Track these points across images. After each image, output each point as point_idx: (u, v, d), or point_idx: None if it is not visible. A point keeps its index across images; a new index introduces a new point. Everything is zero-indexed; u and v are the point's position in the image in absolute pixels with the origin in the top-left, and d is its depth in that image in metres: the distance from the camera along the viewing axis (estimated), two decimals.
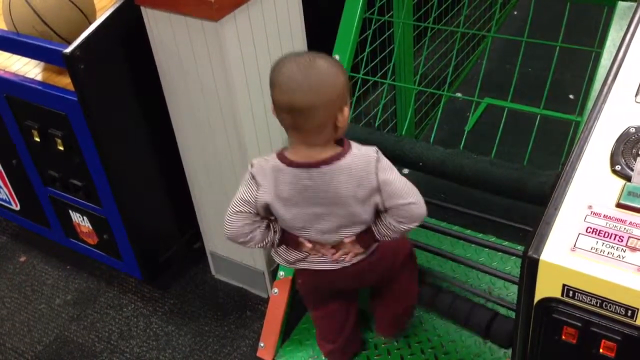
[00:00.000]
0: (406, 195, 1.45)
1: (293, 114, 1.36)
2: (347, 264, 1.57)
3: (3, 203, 2.53)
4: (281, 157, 1.45)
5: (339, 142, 1.46)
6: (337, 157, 1.43)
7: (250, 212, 1.49)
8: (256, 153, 1.96)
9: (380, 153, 1.46)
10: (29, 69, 2.07)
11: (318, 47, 2.09)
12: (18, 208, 2.49)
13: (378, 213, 1.52)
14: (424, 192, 1.92)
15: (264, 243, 1.55)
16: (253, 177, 1.47)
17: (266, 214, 1.52)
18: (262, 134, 1.97)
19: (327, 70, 1.36)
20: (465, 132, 1.90)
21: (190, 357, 2.12)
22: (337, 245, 1.55)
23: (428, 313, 1.95)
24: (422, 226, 1.93)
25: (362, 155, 1.44)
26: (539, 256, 1.09)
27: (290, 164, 1.44)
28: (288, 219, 1.50)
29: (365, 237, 1.54)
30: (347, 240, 1.53)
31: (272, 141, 2.01)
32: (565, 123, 1.88)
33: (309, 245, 1.54)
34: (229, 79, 1.80)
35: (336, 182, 1.43)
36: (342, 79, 1.39)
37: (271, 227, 1.54)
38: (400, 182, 1.46)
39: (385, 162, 1.46)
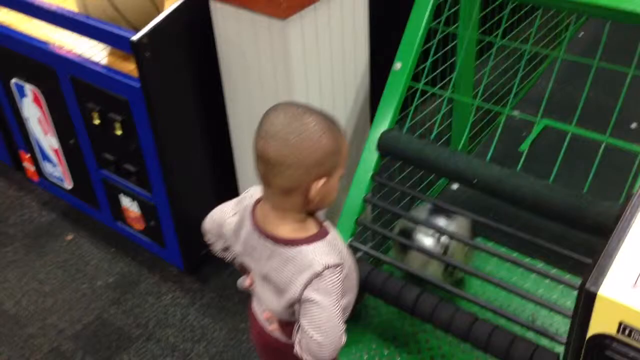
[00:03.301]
0: (317, 329, 1.22)
1: (263, 165, 1.22)
2: (267, 327, 1.43)
3: (56, 181, 2.59)
4: (256, 202, 1.33)
5: (314, 223, 1.29)
6: (284, 242, 1.25)
7: (220, 225, 1.41)
8: None
9: (335, 271, 1.23)
10: (96, 52, 2.11)
11: (381, 52, 2.09)
12: (70, 187, 2.55)
13: None
14: (474, 210, 1.89)
15: (225, 256, 1.46)
16: (236, 202, 1.40)
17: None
18: None
19: (313, 129, 1.19)
20: (524, 153, 1.85)
21: (223, 353, 2.13)
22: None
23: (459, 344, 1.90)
24: (467, 244, 1.90)
25: (306, 260, 1.23)
26: (597, 290, 1.05)
27: (252, 214, 1.32)
28: (237, 253, 1.40)
29: (287, 328, 1.36)
30: (265, 315, 1.39)
31: None
32: (625, 153, 1.82)
33: (248, 282, 1.41)
34: (290, 78, 1.80)
35: (270, 262, 1.29)
36: (328, 144, 1.20)
37: None
38: (325, 312, 1.22)
39: (327, 283, 1.22)
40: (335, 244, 1.29)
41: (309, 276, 1.22)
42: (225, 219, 1.40)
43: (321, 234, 1.27)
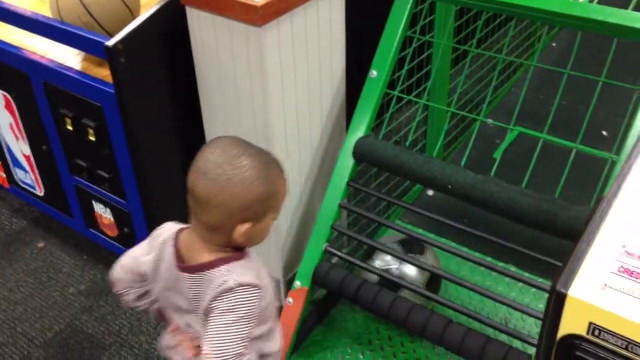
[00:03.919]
0: (209, 342, 1.19)
1: (192, 199, 1.22)
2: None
3: (27, 187, 2.56)
4: (177, 234, 1.30)
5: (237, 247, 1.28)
6: (208, 265, 1.24)
7: (133, 272, 1.37)
8: (285, 159, 1.96)
9: (249, 289, 1.21)
10: (69, 57, 2.09)
11: (357, 60, 2.10)
12: (42, 194, 2.51)
13: None
14: (447, 215, 1.91)
15: (138, 305, 1.41)
16: (148, 241, 1.35)
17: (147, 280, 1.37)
18: (292, 141, 1.97)
19: (246, 173, 1.18)
20: (497, 160, 1.88)
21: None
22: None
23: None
24: (442, 249, 1.92)
25: (225, 277, 1.21)
26: (567, 291, 1.07)
27: (176, 246, 1.29)
28: (156, 294, 1.36)
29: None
30: (180, 338, 1.35)
31: (300, 148, 2.01)
32: (595, 159, 1.86)
33: (174, 330, 1.37)
34: (265, 84, 1.80)
35: (184, 289, 1.27)
36: (256, 191, 1.19)
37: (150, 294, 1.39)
38: (221, 327, 1.19)
39: (237, 299, 1.20)
40: (252, 267, 1.27)
41: (221, 290, 1.20)
42: (139, 260, 1.35)
43: (239, 256, 1.26)
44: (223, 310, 1.20)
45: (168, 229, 1.34)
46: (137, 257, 1.36)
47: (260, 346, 1.33)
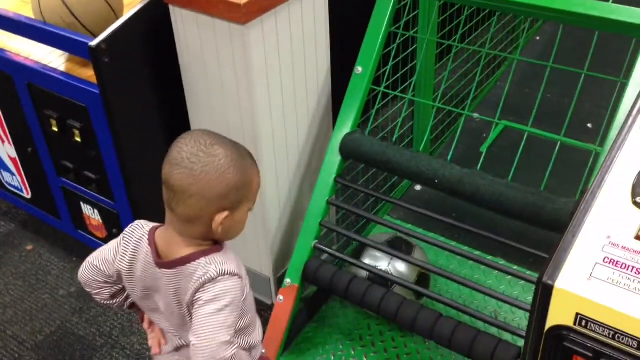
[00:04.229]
0: (194, 331, 1.20)
1: (167, 191, 1.23)
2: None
3: (15, 190, 2.54)
4: (152, 231, 1.30)
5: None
6: (181, 261, 1.24)
7: (105, 273, 1.35)
8: (271, 156, 1.97)
9: (232, 278, 1.23)
10: (53, 58, 2.08)
11: (342, 56, 2.11)
12: (29, 196, 2.50)
13: None
14: (435, 210, 1.92)
15: (112, 302, 1.42)
16: (120, 241, 1.33)
17: (120, 280, 1.36)
18: (279, 138, 1.97)
19: (220, 162, 1.20)
20: (483, 154, 1.89)
21: None
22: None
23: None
24: (430, 243, 1.93)
25: (206, 267, 1.22)
26: (554, 283, 1.08)
27: (152, 246, 1.28)
28: (132, 294, 1.36)
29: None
30: (150, 334, 1.39)
31: (288, 146, 2.02)
32: (581, 152, 1.87)
33: (146, 325, 1.41)
34: (250, 82, 1.80)
35: (166, 286, 1.27)
36: (232, 178, 1.20)
37: (125, 291, 1.39)
38: (206, 316, 1.20)
39: (220, 288, 1.21)
40: (232, 257, 1.27)
41: (203, 281, 1.21)
42: (109, 261, 1.33)
43: (217, 249, 1.27)
44: (207, 300, 1.21)
45: (140, 228, 1.33)
46: (107, 259, 1.34)
47: (244, 338, 1.34)
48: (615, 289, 1.05)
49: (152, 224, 1.33)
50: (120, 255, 1.32)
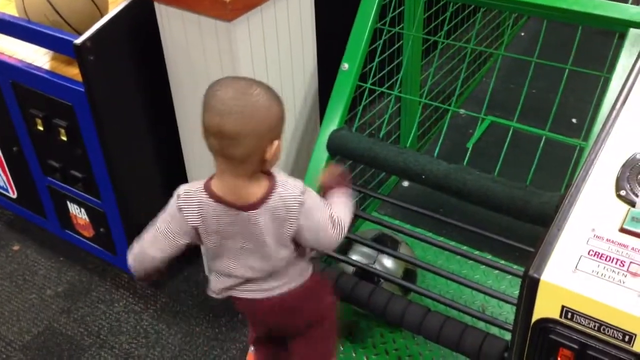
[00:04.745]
0: (325, 227, 1.43)
1: (221, 140, 1.29)
2: (274, 294, 1.51)
3: (0, 190, 2.52)
4: (207, 188, 1.38)
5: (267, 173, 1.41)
6: (262, 199, 1.36)
7: (169, 248, 1.43)
8: None
9: (307, 192, 1.41)
10: (37, 57, 2.07)
11: (328, 53, 2.11)
12: (15, 196, 2.48)
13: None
14: (422, 206, 1.93)
15: (151, 277, 1.51)
16: (180, 210, 1.40)
17: (187, 241, 1.45)
18: None
19: (262, 99, 1.31)
20: (469, 149, 1.90)
21: (179, 357, 2.11)
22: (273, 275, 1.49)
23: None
24: (418, 239, 1.94)
25: (287, 197, 1.37)
26: (540, 276, 1.09)
27: (217, 199, 1.37)
28: (213, 248, 1.45)
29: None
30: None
31: None
32: (566, 146, 1.89)
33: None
34: None
35: (258, 225, 1.38)
36: (276, 110, 1.33)
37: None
38: (323, 220, 1.42)
39: (311, 203, 1.40)
40: (282, 173, 1.42)
41: (297, 208, 1.37)
42: (179, 229, 1.41)
43: (273, 175, 1.39)
44: (313, 217, 1.40)
45: (189, 189, 1.40)
46: (177, 227, 1.41)
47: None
48: (600, 281, 1.06)
49: (196, 184, 1.40)
50: (190, 220, 1.39)
